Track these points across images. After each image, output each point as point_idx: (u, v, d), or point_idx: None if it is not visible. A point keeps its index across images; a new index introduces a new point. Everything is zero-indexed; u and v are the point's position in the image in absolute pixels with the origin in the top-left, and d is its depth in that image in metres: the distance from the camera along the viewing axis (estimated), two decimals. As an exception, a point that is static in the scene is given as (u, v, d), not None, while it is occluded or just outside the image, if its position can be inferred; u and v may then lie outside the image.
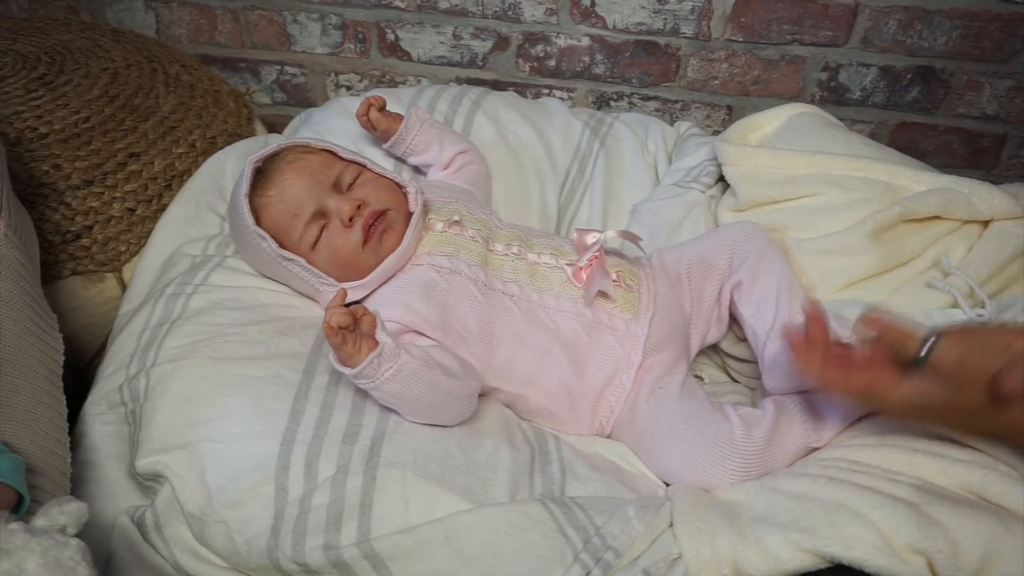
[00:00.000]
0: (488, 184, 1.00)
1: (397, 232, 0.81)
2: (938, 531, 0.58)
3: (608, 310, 0.80)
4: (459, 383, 0.72)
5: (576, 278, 0.81)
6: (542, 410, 0.80)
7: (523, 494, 0.69)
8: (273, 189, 0.81)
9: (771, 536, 0.61)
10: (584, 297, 0.80)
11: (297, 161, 0.82)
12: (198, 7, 1.34)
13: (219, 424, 0.70)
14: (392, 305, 0.77)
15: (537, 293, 0.80)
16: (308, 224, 0.80)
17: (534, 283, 0.81)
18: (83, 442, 0.76)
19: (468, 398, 0.74)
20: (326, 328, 0.65)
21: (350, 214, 0.79)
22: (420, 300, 0.77)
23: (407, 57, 1.34)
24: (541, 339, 0.78)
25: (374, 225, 0.80)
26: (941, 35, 1.19)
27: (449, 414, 0.74)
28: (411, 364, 0.69)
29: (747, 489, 0.67)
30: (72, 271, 0.94)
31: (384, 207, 0.81)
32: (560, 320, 0.79)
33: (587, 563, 0.63)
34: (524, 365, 0.78)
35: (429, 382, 0.70)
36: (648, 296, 0.83)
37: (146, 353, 0.77)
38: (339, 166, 0.83)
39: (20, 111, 0.99)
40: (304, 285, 0.83)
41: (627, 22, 1.24)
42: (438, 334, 0.77)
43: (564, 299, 0.80)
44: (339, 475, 0.67)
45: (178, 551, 0.69)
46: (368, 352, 0.66)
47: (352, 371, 0.67)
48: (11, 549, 0.49)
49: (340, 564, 0.64)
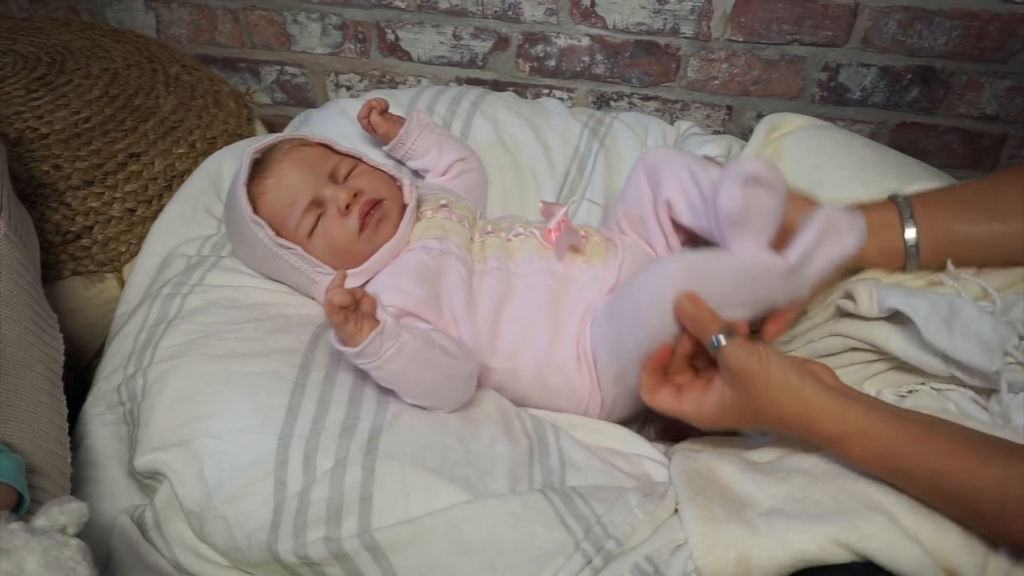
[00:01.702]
0: (484, 192, 1.00)
1: (392, 222, 0.82)
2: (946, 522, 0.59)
3: (578, 264, 0.82)
4: (458, 363, 0.73)
5: (546, 239, 0.83)
6: (534, 385, 0.81)
7: (522, 485, 0.69)
8: (270, 178, 0.82)
9: (780, 523, 0.61)
10: (555, 252, 0.82)
11: (294, 152, 0.84)
12: (198, 7, 1.34)
13: (216, 420, 0.70)
14: (387, 291, 0.77)
15: (513, 263, 0.82)
16: (305, 212, 0.81)
17: (508, 254, 0.83)
18: (83, 443, 0.76)
19: (467, 379, 0.75)
20: (328, 307, 0.66)
21: (346, 201, 0.80)
22: (413, 283, 0.78)
23: (407, 57, 1.34)
24: (518, 306, 0.80)
25: (370, 213, 0.81)
26: (941, 35, 1.19)
27: (449, 395, 0.74)
28: (412, 343, 0.70)
29: (755, 482, 0.67)
30: (72, 271, 0.94)
31: (380, 196, 0.82)
32: (533, 280, 0.81)
33: (588, 552, 0.63)
34: (507, 337, 0.79)
35: (430, 361, 0.71)
36: (620, 246, 0.84)
37: (143, 353, 0.78)
38: (335, 158, 0.85)
39: (20, 111, 0.99)
40: (299, 276, 0.83)
41: (627, 22, 1.24)
42: (432, 315, 0.78)
43: (536, 260, 0.82)
44: (338, 468, 0.67)
45: (178, 549, 0.69)
46: (370, 331, 0.68)
47: (354, 350, 0.68)
48: (11, 549, 0.49)
49: (341, 555, 0.64)
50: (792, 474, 0.67)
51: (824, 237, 0.68)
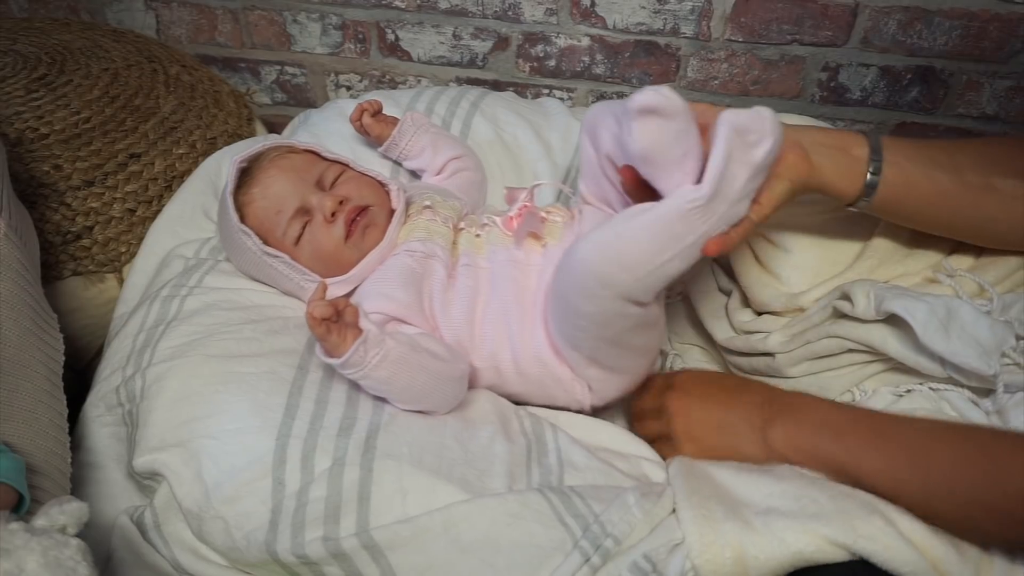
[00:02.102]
0: (481, 191, 1.00)
1: (379, 228, 0.82)
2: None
3: (537, 250, 0.81)
4: (447, 365, 0.73)
5: (507, 227, 0.82)
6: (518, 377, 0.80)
7: (520, 485, 0.69)
8: (256, 187, 0.82)
9: (777, 521, 0.61)
10: (515, 239, 0.80)
11: (280, 159, 0.84)
12: (198, 7, 1.34)
13: (215, 421, 0.70)
14: (373, 297, 0.77)
15: (481, 257, 0.81)
16: (291, 220, 0.81)
17: (476, 250, 0.82)
18: (83, 444, 0.77)
19: (458, 380, 0.75)
20: (309, 319, 0.66)
21: (332, 209, 0.80)
22: (398, 287, 0.78)
23: (407, 57, 1.34)
24: (488, 300, 0.79)
25: (356, 220, 0.81)
26: (941, 35, 1.19)
27: (440, 398, 0.74)
28: (397, 349, 0.70)
29: (751, 480, 0.67)
30: (72, 272, 0.94)
31: (366, 203, 0.82)
32: (499, 271, 0.80)
33: (587, 550, 0.63)
34: (486, 334, 0.79)
35: (417, 365, 0.71)
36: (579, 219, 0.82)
37: (142, 354, 0.78)
38: (322, 165, 0.85)
39: (21, 111, 0.99)
40: (289, 283, 0.83)
41: (627, 22, 1.24)
42: (418, 319, 0.78)
43: (499, 250, 0.81)
44: (336, 468, 0.67)
45: (178, 549, 0.70)
46: (353, 340, 0.67)
47: (339, 361, 0.68)
48: (11, 549, 0.49)
49: (339, 554, 0.64)
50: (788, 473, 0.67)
51: (733, 148, 0.61)
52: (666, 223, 0.62)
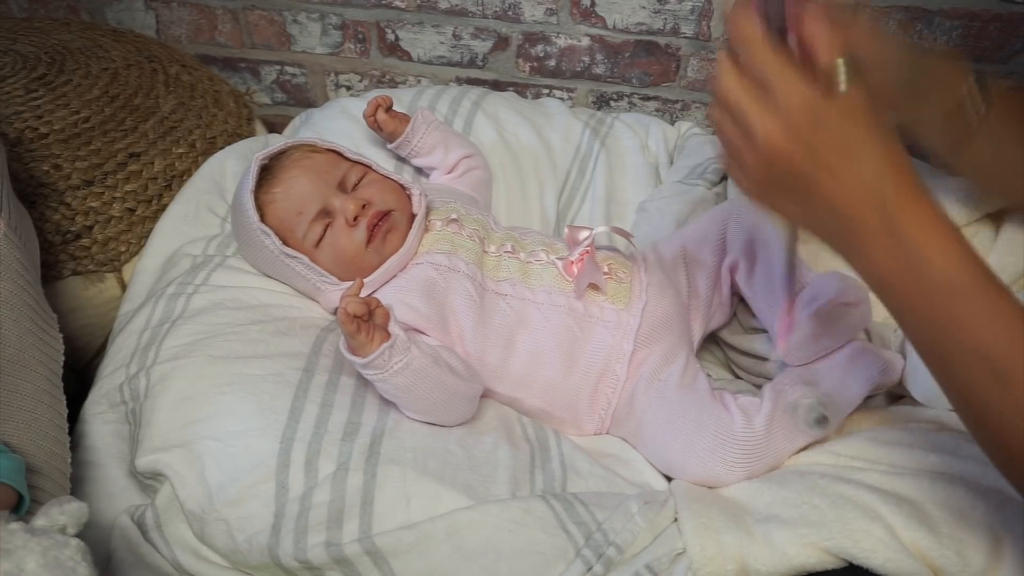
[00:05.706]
0: (490, 190, 1.00)
1: (400, 233, 0.81)
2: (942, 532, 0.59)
3: (599, 303, 0.80)
4: (464, 384, 0.73)
5: (567, 272, 0.81)
6: (539, 412, 0.80)
7: (524, 491, 0.69)
8: (279, 186, 0.81)
9: (778, 532, 0.61)
10: (575, 289, 0.79)
11: (303, 159, 0.83)
12: (198, 7, 1.34)
13: (219, 422, 0.70)
14: (394, 306, 0.76)
15: (530, 290, 0.80)
16: (312, 222, 0.80)
17: (526, 280, 0.81)
18: (83, 442, 0.76)
19: (470, 400, 0.75)
20: (342, 314, 0.65)
21: (355, 213, 0.79)
22: (420, 299, 0.77)
23: (407, 57, 1.34)
24: (533, 339, 0.78)
25: (378, 225, 0.80)
26: (941, 35, 1.19)
27: (450, 414, 0.74)
28: (420, 359, 0.69)
29: (753, 487, 0.67)
30: (72, 271, 0.94)
31: (389, 208, 0.81)
32: (552, 315, 0.79)
33: (589, 559, 0.63)
34: (517, 367, 0.78)
35: (436, 379, 0.70)
36: (640, 286, 0.82)
37: (146, 352, 0.77)
38: (345, 166, 0.84)
39: (20, 111, 0.99)
40: (305, 284, 0.83)
41: (627, 22, 1.24)
42: (438, 333, 0.77)
43: (556, 293, 0.80)
44: (339, 472, 0.67)
45: (178, 550, 0.69)
46: (380, 343, 0.67)
47: (363, 360, 0.68)
48: (11, 549, 0.49)
49: (342, 560, 0.64)
50: (789, 477, 0.67)
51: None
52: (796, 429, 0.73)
